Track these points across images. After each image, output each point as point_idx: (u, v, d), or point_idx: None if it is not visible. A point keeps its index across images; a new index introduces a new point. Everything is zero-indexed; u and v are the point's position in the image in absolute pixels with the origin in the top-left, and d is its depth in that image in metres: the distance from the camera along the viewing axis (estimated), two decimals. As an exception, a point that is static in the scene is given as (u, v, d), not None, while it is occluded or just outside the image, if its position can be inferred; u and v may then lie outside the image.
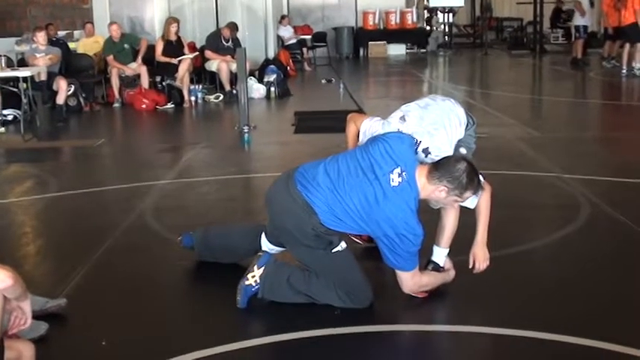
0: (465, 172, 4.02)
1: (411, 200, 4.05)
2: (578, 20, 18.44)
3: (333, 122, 10.81)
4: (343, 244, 4.27)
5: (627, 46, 16.03)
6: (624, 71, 15.96)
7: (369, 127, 4.71)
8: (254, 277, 4.32)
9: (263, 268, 4.33)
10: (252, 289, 4.30)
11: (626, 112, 12.59)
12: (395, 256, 4.11)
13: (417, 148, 4.35)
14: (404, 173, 4.06)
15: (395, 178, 4.06)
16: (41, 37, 12.41)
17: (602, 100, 14.14)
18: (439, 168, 4.05)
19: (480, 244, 4.47)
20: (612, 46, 17.66)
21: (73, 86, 12.60)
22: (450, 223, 4.56)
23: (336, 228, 4.18)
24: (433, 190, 4.06)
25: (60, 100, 11.98)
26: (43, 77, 11.92)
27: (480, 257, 4.46)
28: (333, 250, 4.23)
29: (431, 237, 4.48)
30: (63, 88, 11.98)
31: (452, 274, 4.52)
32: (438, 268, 4.57)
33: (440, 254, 4.59)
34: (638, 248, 5.27)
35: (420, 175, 4.07)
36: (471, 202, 4.34)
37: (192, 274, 5.00)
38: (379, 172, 4.09)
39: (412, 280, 4.22)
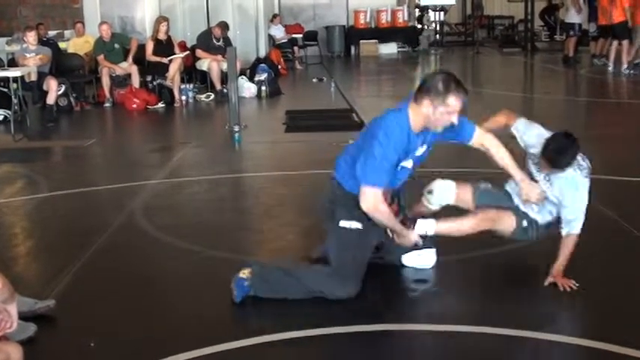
0: (439, 80, 4.28)
1: (402, 119, 4.32)
2: (573, 18, 18.30)
3: (325, 121, 10.84)
4: (355, 224, 4.40)
5: (615, 43, 16.09)
6: (611, 69, 16.03)
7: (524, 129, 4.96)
8: (245, 273, 4.38)
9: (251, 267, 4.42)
10: (245, 283, 4.33)
11: (615, 109, 12.62)
12: (365, 166, 4.27)
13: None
14: (400, 104, 4.44)
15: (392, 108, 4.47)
16: (31, 36, 12.34)
17: (593, 97, 14.13)
18: (420, 88, 4.34)
19: None
20: (603, 44, 17.75)
21: (63, 86, 12.56)
22: (461, 220, 4.71)
23: (350, 186, 4.42)
24: (424, 112, 4.28)
25: (50, 100, 11.94)
26: (34, 77, 11.88)
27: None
28: (341, 224, 4.40)
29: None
30: (53, 88, 11.94)
31: (410, 238, 4.59)
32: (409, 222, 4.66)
33: (427, 224, 4.67)
34: (629, 245, 5.28)
35: (412, 104, 4.35)
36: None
37: (183, 273, 4.98)
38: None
39: (373, 199, 4.30)
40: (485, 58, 21.65)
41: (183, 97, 13.40)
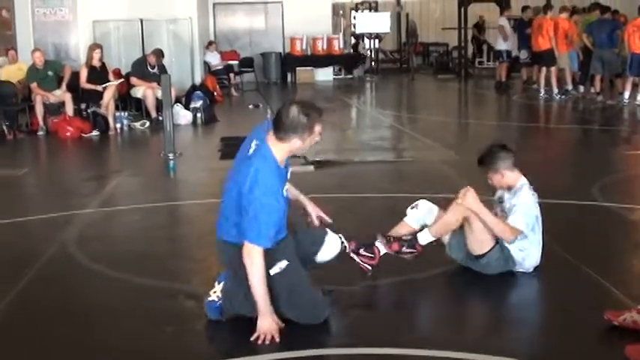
0: (299, 114, 4.25)
1: (268, 160, 4.26)
2: (501, 45, 18.85)
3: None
4: (282, 264, 4.34)
5: (544, 70, 16.51)
6: (542, 94, 16.41)
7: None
8: (215, 292, 4.47)
9: (222, 283, 4.47)
10: (216, 305, 4.42)
11: (545, 133, 12.93)
12: (249, 222, 4.16)
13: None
14: (257, 142, 4.35)
15: (252, 148, 4.36)
16: (-38, 63, 12.18)
17: (524, 122, 14.42)
18: (281, 127, 4.27)
19: None
20: (531, 70, 18.27)
21: (-5, 114, 12.39)
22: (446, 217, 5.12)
23: (230, 238, 4.35)
24: (290, 147, 4.30)
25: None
26: None
27: None
28: (272, 272, 4.29)
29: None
30: (-16, 116, 11.78)
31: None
32: (413, 244, 5.07)
33: (425, 235, 5.12)
34: (562, 268, 5.39)
35: (273, 144, 4.30)
36: None
37: (115, 304, 4.94)
38: (241, 155, 4.42)
39: (258, 261, 4.18)
40: (420, 85, 21.93)
41: (118, 125, 13.29)
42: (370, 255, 5.11)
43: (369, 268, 5.09)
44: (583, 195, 7.49)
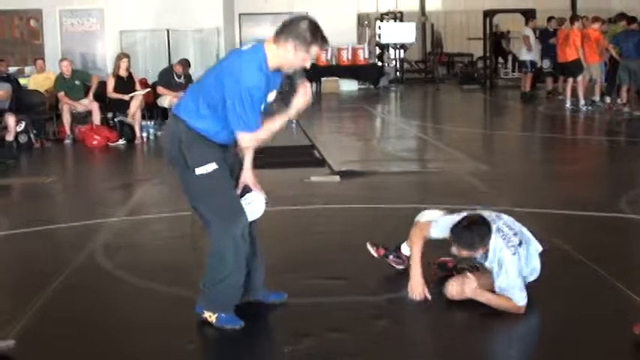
0: (307, 27, 4.32)
1: (258, 56, 4.31)
2: (525, 55, 18.82)
3: (286, 157, 10.87)
4: (210, 167, 4.42)
5: (570, 80, 16.41)
6: (568, 105, 16.31)
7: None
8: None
9: None
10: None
11: (572, 145, 12.84)
12: (239, 114, 4.26)
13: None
14: (253, 43, 4.44)
15: (246, 46, 4.46)
16: (-8, 71, 12.30)
17: (550, 133, 14.34)
18: (284, 29, 4.34)
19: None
20: (556, 81, 18.23)
21: (23, 123, 12.50)
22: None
23: (200, 127, 4.41)
24: (283, 52, 4.32)
25: (9, 136, 11.87)
26: None
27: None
28: (197, 172, 4.40)
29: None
30: (12, 125, 11.88)
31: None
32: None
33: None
34: (589, 280, 5.36)
35: (269, 44, 4.37)
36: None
37: (143, 313, 4.96)
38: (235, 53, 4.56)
39: (253, 141, 4.47)
40: (445, 95, 21.87)
41: (144, 134, 13.38)
42: (399, 260, 5.43)
43: (402, 267, 5.39)
44: (610, 207, 7.43)
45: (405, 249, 5.36)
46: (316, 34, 4.34)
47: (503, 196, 7.99)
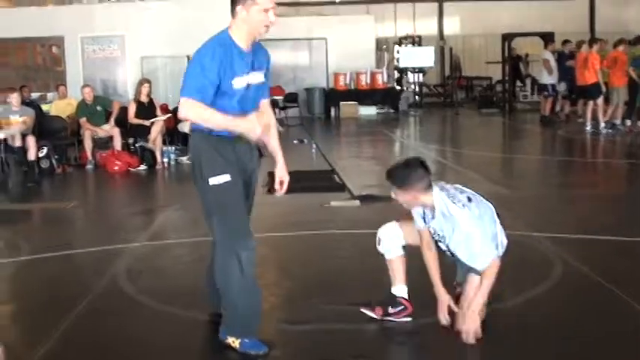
0: None
1: (219, 38, 4.39)
2: (546, 79, 18.82)
3: (306, 183, 10.88)
4: (224, 178, 4.41)
5: (590, 103, 16.39)
6: (588, 128, 16.28)
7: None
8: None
9: None
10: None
11: (592, 169, 12.81)
12: (184, 81, 4.33)
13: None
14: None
15: None
16: (15, 98, 12.43)
17: (569, 157, 14.32)
18: (232, 3, 4.40)
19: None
20: (575, 104, 18.24)
21: (45, 148, 12.62)
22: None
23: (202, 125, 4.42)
24: (240, 21, 4.36)
25: (31, 156, 11.97)
26: (18, 143, 11.90)
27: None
28: (211, 182, 4.39)
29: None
30: (32, 145, 11.98)
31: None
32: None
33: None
34: (609, 306, 5.33)
35: (229, 27, 4.43)
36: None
37: (166, 338, 4.98)
38: None
39: (190, 110, 4.33)
40: (464, 119, 21.88)
41: (165, 160, 13.46)
42: (401, 308, 5.01)
43: (409, 319, 4.99)
44: (630, 231, 7.39)
45: (398, 290, 5.01)
46: None
47: (521, 219, 7.97)
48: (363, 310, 5.04)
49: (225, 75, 4.33)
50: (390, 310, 4.99)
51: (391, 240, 5.01)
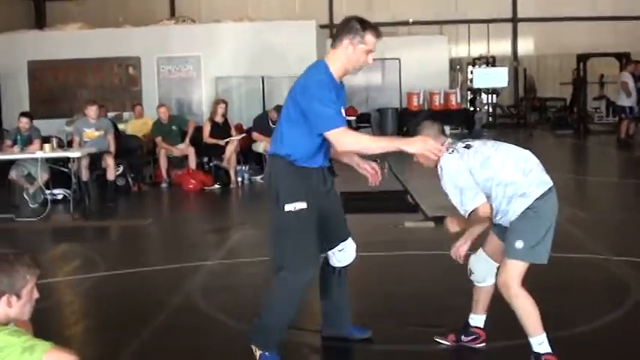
0: (355, 20, 4.41)
1: (319, 70, 4.41)
2: (623, 101, 18.46)
3: (379, 203, 10.86)
4: (299, 205, 4.41)
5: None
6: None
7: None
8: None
9: None
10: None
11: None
12: (317, 117, 4.27)
13: None
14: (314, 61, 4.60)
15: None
16: (92, 110, 12.47)
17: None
18: (336, 34, 4.48)
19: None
20: None
21: (121, 166, 12.83)
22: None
23: (289, 152, 4.45)
24: (343, 53, 4.40)
25: (110, 175, 12.13)
26: (85, 177, 11.78)
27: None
28: (286, 208, 4.39)
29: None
30: (111, 165, 12.14)
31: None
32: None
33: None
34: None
35: (328, 55, 4.50)
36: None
37: (240, 356, 4.99)
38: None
39: (347, 138, 4.35)
40: (538, 140, 21.58)
41: (239, 179, 13.58)
42: (474, 337, 4.92)
43: (483, 344, 4.91)
44: None
45: (475, 320, 4.92)
46: (365, 23, 4.41)
47: (600, 243, 7.81)
48: (436, 338, 5.01)
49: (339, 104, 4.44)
50: (463, 338, 4.94)
51: (487, 271, 4.84)
